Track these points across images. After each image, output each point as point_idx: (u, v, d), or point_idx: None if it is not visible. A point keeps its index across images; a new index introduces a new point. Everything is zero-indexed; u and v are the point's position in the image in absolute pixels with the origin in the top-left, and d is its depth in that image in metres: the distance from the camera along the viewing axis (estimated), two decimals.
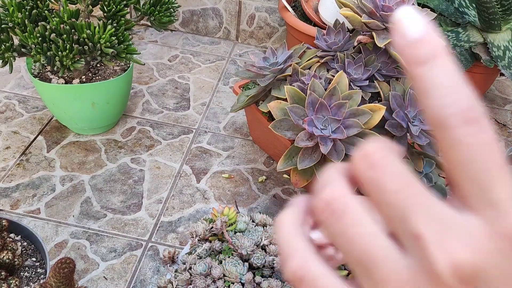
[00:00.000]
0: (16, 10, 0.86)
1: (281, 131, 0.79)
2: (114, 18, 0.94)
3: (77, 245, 0.85)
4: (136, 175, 1.00)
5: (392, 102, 0.79)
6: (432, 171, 0.82)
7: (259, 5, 1.45)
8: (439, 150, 0.20)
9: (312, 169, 0.79)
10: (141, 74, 1.31)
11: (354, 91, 0.78)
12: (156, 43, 1.47)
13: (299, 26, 1.22)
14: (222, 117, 1.20)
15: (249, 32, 1.52)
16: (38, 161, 1.00)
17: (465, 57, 1.21)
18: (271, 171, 1.05)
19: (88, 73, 1.02)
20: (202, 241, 0.75)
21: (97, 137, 1.08)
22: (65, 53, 0.86)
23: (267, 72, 0.87)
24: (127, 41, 0.92)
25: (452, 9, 1.26)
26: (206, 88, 1.29)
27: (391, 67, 0.85)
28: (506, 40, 1.18)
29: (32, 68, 1.01)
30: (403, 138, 0.81)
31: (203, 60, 1.41)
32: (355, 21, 0.81)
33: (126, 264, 0.83)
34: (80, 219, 0.89)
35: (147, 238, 0.88)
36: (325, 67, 0.88)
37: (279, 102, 0.81)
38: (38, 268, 0.71)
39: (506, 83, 1.49)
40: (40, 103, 1.16)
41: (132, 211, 0.92)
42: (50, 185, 0.95)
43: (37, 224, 0.88)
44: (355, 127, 0.75)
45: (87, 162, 1.02)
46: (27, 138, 1.06)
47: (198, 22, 1.52)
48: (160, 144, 1.09)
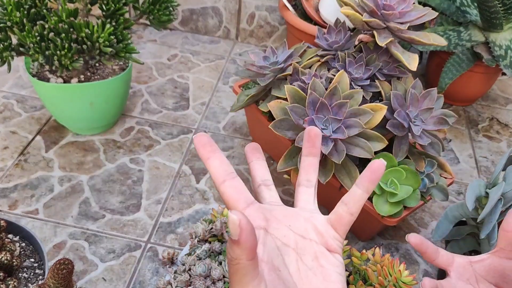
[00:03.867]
0: (15, 9, 0.85)
1: (282, 131, 0.78)
2: (113, 17, 0.93)
3: (76, 246, 0.84)
4: (135, 175, 0.99)
5: (394, 102, 0.79)
6: (434, 171, 0.81)
7: (259, 3, 1.45)
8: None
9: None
10: (140, 74, 1.31)
11: (355, 91, 0.78)
12: (155, 42, 1.46)
13: (299, 25, 1.21)
14: (222, 116, 1.19)
15: (249, 31, 1.51)
16: (36, 161, 1.00)
17: (467, 56, 1.20)
18: (272, 171, 1.05)
19: (87, 73, 1.01)
20: (202, 242, 0.75)
21: (96, 137, 1.08)
22: (63, 52, 0.85)
23: (267, 71, 0.87)
24: (126, 40, 0.91)
25: (453, 8, 1.25)
26: (206, 88, 1.29)
27: (392, 66, 0.84)
28: (508, 39, 1.17)
29: (30, 68, 1.00)
30: (405, 138, 0.81)
31: (203, 59, 1.41)
32: (356, 20, 0.80)
33: (125, 265, 0.82)
34: (79, 220, 0.89)
35: (146, 239, 0.87)
36: (326, 66, 0.88)
37: (279, 102, 0.80)
38: (36, 269, 0.70)
39: (508, 82, 1.48)
40: (39, 103, 1.15)
41: (131, 212, 0.92)
42: (48, 186, 0.95)
43: (35, 224, 0.87)
44: (356, 127, 0.74)
45: (85, 162, 1.01)
46: (25, 138, 1.05)
47: (198, 21, 1.51)
48: (159, 144, 1.08)
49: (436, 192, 0.82)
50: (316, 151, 0.37)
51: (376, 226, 0.85)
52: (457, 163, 1.14)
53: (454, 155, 1.17)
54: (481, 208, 0.72)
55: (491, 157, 1.18)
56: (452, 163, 1.14)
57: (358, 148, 0.76)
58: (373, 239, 0.92)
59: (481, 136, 1.25)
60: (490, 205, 0.67)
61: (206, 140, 0.31)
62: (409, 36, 0.80)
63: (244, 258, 0.26)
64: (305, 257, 0.32)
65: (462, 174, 1.11)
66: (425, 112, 0.79)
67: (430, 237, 0.94)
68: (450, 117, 0.81)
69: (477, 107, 1.36)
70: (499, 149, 1.21)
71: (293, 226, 0.33)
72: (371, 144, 0.76)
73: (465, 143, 1.21)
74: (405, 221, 0.97)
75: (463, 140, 1.22)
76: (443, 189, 0.82)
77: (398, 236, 0.94)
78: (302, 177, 0.37)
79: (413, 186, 0.77)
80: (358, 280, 0.61)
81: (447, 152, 1.17)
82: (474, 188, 0.71)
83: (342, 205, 0.34)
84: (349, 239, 0.91)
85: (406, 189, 0.77)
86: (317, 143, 0.37)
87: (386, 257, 0.71)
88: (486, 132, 1.26)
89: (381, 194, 0.78)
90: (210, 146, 0.31)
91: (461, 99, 1.34)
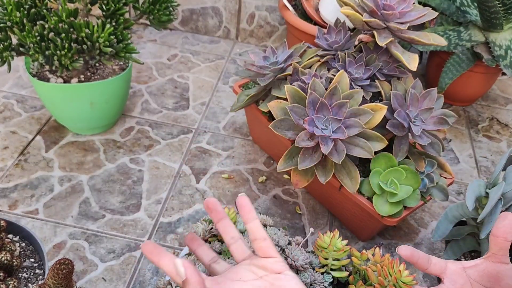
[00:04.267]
0: (15, 9, 0.85)
1: (281, 131, 0.78)
2: (113, 17, 0.93)
3: (76, 246, 0.84)
4: (135, 175, 0.99)
5: (394, 102, 0.79)
6: (434, 171, 0.81)
7: (259, 3, 1.45)
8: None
9: (312, 169, 0.78)
10: (140, 74, 1.31)
11: (355, 91, 0.78)
12: (155, 42, 1.46)
13: (299, 25, 1.21)
14: (222, 116, 1.19)
15: (249, 31, 1.51)
16: (36, 161, 1.00)
17: (467, 56, 1.20)
18: (271, 171, 1.05)
19: (87, 73, 1.01)
20: None
21: (96, 137, 1.08)
22: (63, 52, 0.85)
23: (267, 71, 0.87)
24: (126, 40, 0.91)
25: (453, 8, 1.25)
26: (206, 88, 1.29)
27: (392, 66, 0.84)
28: (508, 39, 1.17)
29: (30, 68, 1.00)
30: (405, 138, 0.81)
31: (203, 59, 1.41)
32: (356, 20, 0.80)
33: (125, 265, 0.82)
34: (79, 220, 0.89)
35: (146, 239, 0.87)
36: (326, 66, 0.88)
37: (279, 102, 0.80)
38: (36, 269, 0.70)
39: (508, 82, 1.48)
40: (39, 103, 1.15)
41: (131, 212, 0.92)
42: (48, 186, 0.95)
43: (35, 224, 0.87)
44: (356, 127, 0.74)
45: (85, 162, 1.01)
46: (25, 138, 1.05)
47: (198, 21, 1.51)
48: (159, 144, 1.08)
49: (436, 192, 0.82)
50: (221, 215, 0.44)
51: (376, 226, 0.85)
52: (457, 163, 1.14)
53: (454, 155, 1.17)
54: (481, 208, 0.72)
55: (491, 157, 1.18)
56: (452, 163, 1.14)
57: (358, 148, 0.76)
58: (373, 239, 0.92)
59: (481, 136, 1.25)
60: (490, 205, 0.67)
61: (151, 246, 0.38)
62: (409, 36, 0.80)
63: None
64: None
65: (462, 174, 1.11)
66: (425, 112, 0.79)
67: (430, 237, 0.94)
68: (450, 117, 0.81)
69: (477, 107, 1.36)
70: (499, 149, 1.21)
71: (243, 278, 0.41)
72: (371, 144, 0.76)
73: (465, 143, 1.21)
74: (405, 221, 0.97)
75: (463, 140, 1.22)
76: (443, 189, 0.82)
77: (398, 236, 0.94)
78: (226, 239, 0.45)
79: (413, 186, 0.77)
80: (358, 280, 0.61)
81: (447, 152, 1.17)
82: (474, 188, 0.71)
83: (255, 242, 0.43)
84: (349, 239, 0.91)
85: (406, 189, 0.77)
86: (218, 208, 0.45)
87: (386, 257, 0.71)
88: (486, 132, 1.26)
89: (381, 194, 0.78)
90: (156, 249, 0.37)
91: (461, 99, 1.34)
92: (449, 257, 0.79)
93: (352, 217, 0.88)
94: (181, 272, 0.31)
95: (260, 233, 0.43)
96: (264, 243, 0.42)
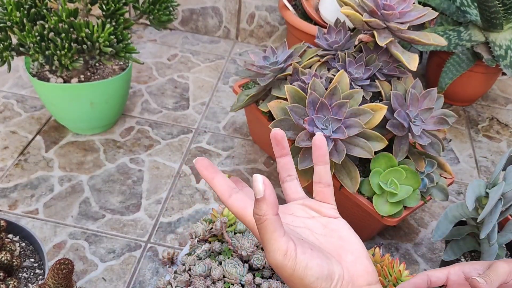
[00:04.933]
0: (15, 9, 0.85)
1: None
2: (113, 17, 0.93)
3: (76, 246, 0.84)
4: (135, 175, 0.99)
5: (394, 102, 0.79)
6: (434, 171, 0.81)
7: (259, 3, 1.45)
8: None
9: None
10: (140, 74, 1.31)
11: (355, 91, 0.78)
12: (155, 42, 1.46)
13: (299, 25, 1.21)
14: (222, 116, 1.19)
15: (249, 31, 1.51)
16: (36, 161, 1.00)
17: (467, 56, 1.20)
18: (271, 171, 1.05)
19: (87, 73, 1.01)
20: (202, 242, 0.75)
21: (96, 137, 1.08)
22: (63, 52, 0.85)
23: (267, 71, 0.87)
24: (126, 40, 0.91)
25: (453, 8, 1.25)
26: (206, 88, 1.29)
27: (392, 66, 0.84)
28: (508, 39, 1.17)
29: (30, 67, 1.00)
30: (405, 138, 0.81)
31: (203, 59, 1.41)
32: (356, 19, 0.80)
33: (125, 265, 0.82)
34: (79, 220, 0.89)
35: (146, 239, 0.87)
36: (326, 66, 0.88)
37: (279, 102, 0.80)
38: (36, 269, 0.70)
39: (508, 82, 1.48)
40: (39, 103, 1.15)
41: (131, 212, 0.92)
42: (48, 186, 0.95)
43: (35, 224, 0.87)
44: (356, 127, 0.74)
45: (85, 162, 1.01)
46: (25, 138, 1.05)
47: (198, 20, 1.51)
48: (159, 144, 1.08)
49: (436, 192, 0.82)
50: (285, 151, 0.42)
51: (376, 226, 0.85)
52: (457, 163, 1.14)
53: (454, 155, 1.17)
54: (481, 208, 0.72)
55: (491, 157, 1.18)
56: (452, 163, 1.14)
57: (358, 148, 0.76)
58: (373, 239, 0.92)
59: (481, 136, 1.25)
60: (490, 205, 0.67)
61: (208, 163, 0.36)
62: (409, 36, 0.80)
63: (271, 212, 0.31)
64: (315, 229, 0.38)
65: (462, 174, 1.11)
66: (425, 112, 0.79)
67: (430, 237, 0.94)
68: (450, 117, 0.81)
69: (477, 107, 1.36)
70: (499, 149, 1.21)
71: (295, 213, 0.40)
72: (371, 144, 0.76)
73: (465, 143, 1.21)
74: (405, 221, 0.97)
75: (463, 140, 1.22)
76: (443, 189, 0.82)
77: (398, 236, 0.94)
78: (282, 175, 0.43)
79: (413, 186, 0.77)
80: None
81: (447, 152, 1.17)
82: (474, 188, 0.71)
83: (318, 185, 0.41)
84: None
85: (406, 189, 0.77)
86: (285, 143, 0.42)
87: (386, 257, 0.71)
88: (486, 132, 1.26)
89: (381, 194, 0.78)
90: (212, 167, 0.36)
91: (461, 99, 1.34)
92: (449, 257, 0.79)
93: (352, 217, 0.88)
94: (260, 190, 0.30)
95: (327, 178, 0.41)
96: (327, 189, 0.41)
